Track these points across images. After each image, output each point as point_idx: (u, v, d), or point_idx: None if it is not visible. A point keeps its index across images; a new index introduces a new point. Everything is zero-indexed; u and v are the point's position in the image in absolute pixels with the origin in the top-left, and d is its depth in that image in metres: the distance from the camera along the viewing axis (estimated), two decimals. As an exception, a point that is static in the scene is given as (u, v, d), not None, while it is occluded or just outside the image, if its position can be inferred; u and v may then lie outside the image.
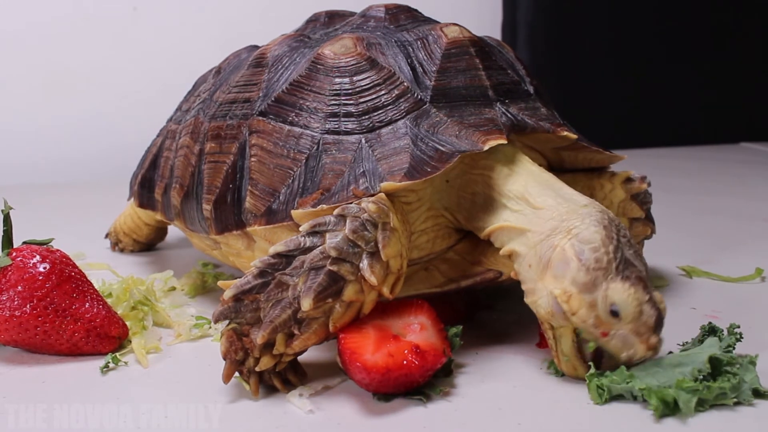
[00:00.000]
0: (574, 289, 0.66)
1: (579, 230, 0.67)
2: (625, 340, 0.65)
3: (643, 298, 0.65)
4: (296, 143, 0.78)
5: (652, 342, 0.65)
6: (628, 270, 0.66)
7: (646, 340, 0.65)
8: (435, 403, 0.66)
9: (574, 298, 0.66)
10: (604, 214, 0.69)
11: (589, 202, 0.71)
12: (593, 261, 0.65)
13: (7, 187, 1.66)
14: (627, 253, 0.67)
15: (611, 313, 0.65)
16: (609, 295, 0.65)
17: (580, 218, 0.68)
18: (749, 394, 0.64)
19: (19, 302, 0.74)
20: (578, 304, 0.66)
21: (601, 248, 0.66)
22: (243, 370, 0.67)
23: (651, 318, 0.65)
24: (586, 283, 0.65)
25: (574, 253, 0.66)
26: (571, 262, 0.66)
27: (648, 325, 0.65)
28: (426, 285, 0.78)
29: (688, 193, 1.63)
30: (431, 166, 0.73)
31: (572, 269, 0.66)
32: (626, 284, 0.65)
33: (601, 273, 0.65)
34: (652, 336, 0.65)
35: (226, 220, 0.82)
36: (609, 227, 0.67)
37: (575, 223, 0.68)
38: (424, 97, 0.79)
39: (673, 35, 2.36)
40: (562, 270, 0.66)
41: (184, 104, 1.03)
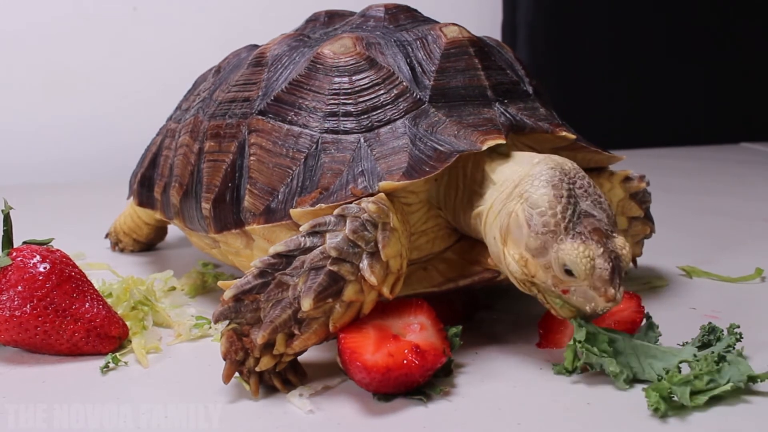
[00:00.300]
0: (528, 254, 0.67)
1: (529, 193, 0.68)
2: (585, 295, 0.67)
3: (595, 253, 0.65)
4: (295, 142, 0.78)
5: (609, 294, 0.66)
6: (580, 225, 0.67)
7: (604, 293, 0.66)
8: (435, 403, 0.66)
9: (530, 262, 0.68)
10: (554, 170, 0.69)
11: (541, 159, 0.71)
12: (541, 225, 0.67)
13: (7, 187, 1.66)
14: (583, 205, 0.68)
15: (566, 272, 0.66)
16: (560, 257, 0.66)
17: (530, 180, 0.69)
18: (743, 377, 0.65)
19: (19, 302, 0.74)
20: (534, 267, 0.68)
21: (548, 211, 0.67)
22: (243, 370, 0.67)
23: (605, 271, 0.65)
24: (538, 248, 0.67)
25: (524, 219, 0.68)
26: (523, 227, 0.68)
27: (603, 279, 0.66)
28: (424, 285, 0.78)
29: (688, 193, 1.63)
30: (430, 166, 0.73)
31: (524, 235, 0.68)
32: (576, 243, 0.66)
33: (550, 236, 0.66)
34: (609, 288, 0.66)
35: (225, 219, 0.82)
36: (559, 184, 0.68)
37: (526, 186, 0.69)
38: (422, 96, 0.79)
39: (673, 35, 2.36)
40: (517, 236, 0.68)
41: (183, 103, 1.03)
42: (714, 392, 0.64)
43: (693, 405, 0.63)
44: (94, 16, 1.96)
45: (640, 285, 0.96)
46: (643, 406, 0.64)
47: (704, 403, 0.64)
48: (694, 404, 0.63)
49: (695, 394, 0.64)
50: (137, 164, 1.09)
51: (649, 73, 2.36)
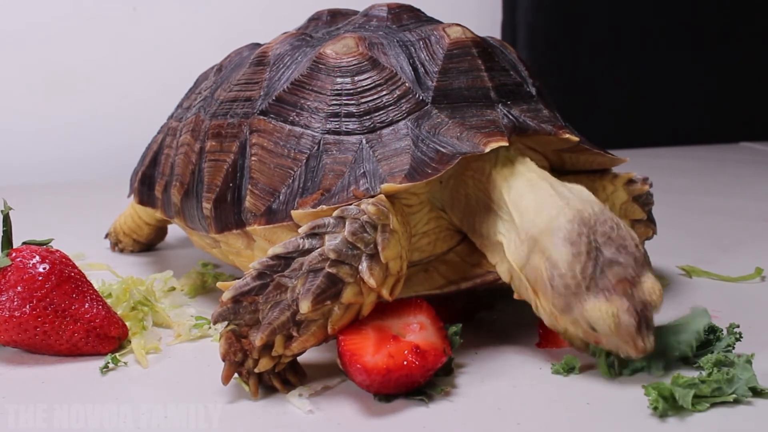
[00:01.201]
0: (557, 312, 0.68)
1: (549, 252, 0.68)
2: (616, 345, 0.67)
3: (620, 309, 0.65)
4: (297, 143, 0.78)
5: (639, 347, 0.66)
6: (604, 278, 0.66)
7: (634, 347, 0.66)
8: (435, 403, 0.66)
9: (559, 318, 0.69)
10: (573, 224, 0.68)
11: (558, 209, 0.69)
12: (562, 287, 0.67)
13: (7, 187, 1.66)
14: (607, 254, 0.66)
15: (593, 329, 0.67)
16: (585, 316, 0.66)
17: (550, 237, 0.68)
18: (746, 390, 0.65)
19: (19, 303, 0.74)
20: (563, 323, 0.69)
21: (568, 273, 0.66)
22: (242, 371, 0.67)
23: (631, 327, 0.65)
24: (564, 308, 0.67)
25: (547, 279, 0.68)
26: (547, 288, 0.68)
27: (630, 334, 0.65)
28: (425, 287, 0.78)
29: (688, 193, 1.63)
30: (432, 168, 0.72)
31: (549, 294, 0.68)
32: (598, 302, 0.65)
33: (573, 297, 0.66)
34: (638, 341, 0.66)
35: (225, 219, 0.82)
36: (577, 240, 0.67)
37: (546, 243, 0.68)
38: (425, 97, 0.78)
39: (673, 35, 2.35)
40: (543, 290, 0.69)
41: (185, 101, 1.03)
42: (717, 400, 0.64)
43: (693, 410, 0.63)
44: (94, 16, 1.96)
45: (641, 285, 0.95)
46: (643, 406, 0.64)
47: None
48: (695, 409, 0.63)
49: (698, 397, 0.63)
50: (138, 162, 1.09)
51: (649, 72, 2.36)
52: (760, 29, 2.41)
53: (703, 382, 0.64)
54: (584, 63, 2.31)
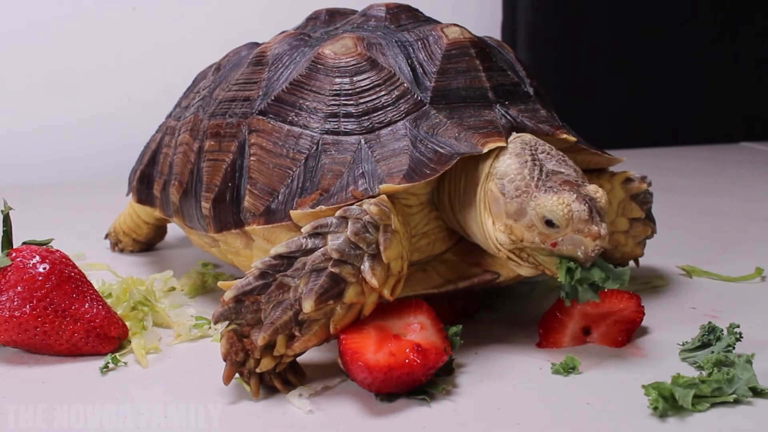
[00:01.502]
0: (511, 221, 0.70)
1: (497, 168, 0.72)
2: (573, 241, 0.69)
3: (570, 199, 0.68)
4: (296, 143, 0.78)
5: (594, 231, 0.68)
6: (550, 181, 0.70)
7: (589, 233, 0.68)
8: (435, 403, 0.66)
9: (514, 227, 0.70)
10: (515, 142, 0.74)
11: (509, 145, 0.74)
12: (513, 190, 0.70)
13: (7, 187, 1.66)
14: (549, 165, 0.72)
15: (547, 225, 0.69)
16: (538, 212, 0.69)
17: (497, 159, 0.73)
18: (746, 390, 0.65)
19: (19, 303, 0.74)
20: (519, 231, 0.70)
21: (517, 176, 0.71)
22: (243, 371, 0.67)
23: (583, 212, 0.68)
24: (516, 211, 0.70)
25: (498, 190, 0.71)
26: (499, 199, 0.71)
27: (583, 220, 0.68)
28: (423, 286, 0.78)
29: (688, 193, 1.63)
30: (430, 168, 0.73)
31: (501, 205, 0.71)
32: (549, 195, 0.69)
33: (524, 196, 0.70)
34: (592, 226, 0.68)
35: (224, 219, 0.82)
36: (521, 152, 0.72)
37: (494, 164, 0.73)
38: (423, 98, 0.78)
39: (673, 35, 2.35)
40: (496, 209, 0.72)
41: (183, 100, 1.03)
42: (717, 400, 0.64)
43: (693, 410, 0.63)
44: (94, 16, 1.96)
45: (641, 285, 0.96)
46: (643, 406, 0.64)
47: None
48: (695, 409, 0.63)
49: (698, 397, 0.63)
50: (136, 161, 1.09)
51: (649, 72, 2.36)
52: (761, 29, 2.41)
53: (704, 382, 0.64)
54: (584, 63, 2.31)
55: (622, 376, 0.71)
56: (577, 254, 0.69)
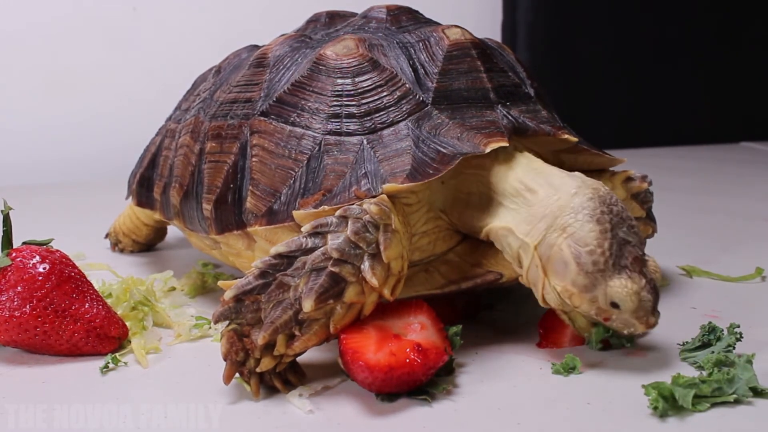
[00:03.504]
0: (575, 290, 0.68)
1: (574, 228, 0.69)
2: (626, 323, 0.69)
3: (640, 287, 0.67)
4: (298, 144, 0.78)
5: (650, 322, 0.69)
6: (624, 257, 0.68)
7: (645, 322, 0.68)
8: (435, 402, 0.66)
9: (576, 296, 0.69)
10: (594, 201, 0.69)
11: (577, 187, 0.71)
12: (591, 264, 0.67)
13: (7, 187, 1.66)
14: (621, 234, 0.69)
15: (612, 305, 0.68)
16: (608, 293, 0.67)
17: (573, 213, 0.69)
18: (746, 390, 0.65)
19: (19, 303, 0.74)
20: (580, 300, 0.69)
21: (597, 249, 0.68)
22: (243, 371, 0.67)
23: (648, 303, 0.68)
24: (586, 285, 0.68)
25: (571, 256, 0.68)
26: (570, 264, 0.68)
27: (646, 310, 0.68)
28: (426, 287, 0.78)
29: (688, 193, 1.63)
30: (433, 168, 0.73)
31: (571, 272, 0.68)
32: (623, 278, 0.67)
33: (599, 274, 0.67)
34: (651, 317, 0.68)
35: (226, 220, 0.82)
36: (602, 218, 0.69)
37: (568, 219, 0.69)
38: (425, 98, 0.79)
39: (673, 35, 2.36)
40: (562, 270, 0.69)
41: (183, 103, 1.03)
42: (717, 400, 0.64)
43: (693, 410, 0.63)
44: (94, 16, 1.96)
45: (641, 285, 0.95)
46: (643, 406, 0.64)
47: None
48: (695, 409, 0.63)
49: (698, 397, 0.64)
50: (136, 164, 1.09)
51: (649, 72, 2.36)
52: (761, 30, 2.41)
53: (704, 382, 0.64)
54: (584, 63, 2.31)
55: (622, 376, 0.70)
56: (623, 332, 0.70)
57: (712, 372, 0.66)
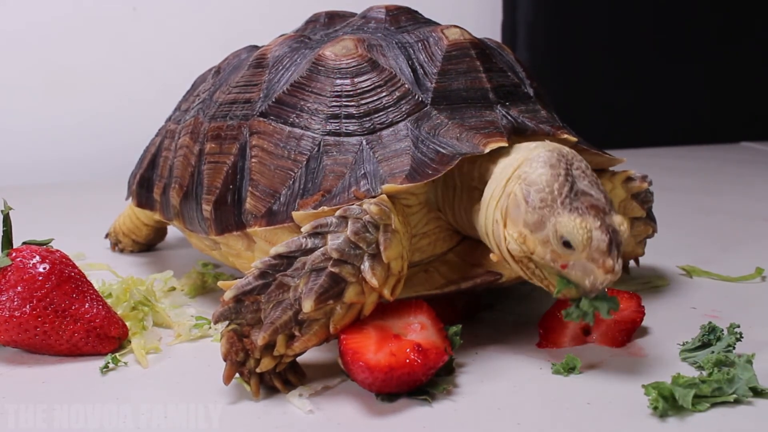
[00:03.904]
0: (527, 230, 0.68)
1: (527, 173, 0.69)
2: (584, 268, 0.67)
3: (593, 225, 0.66)
4: (297, 144, 0.78)
5: (608, 265, 0.66)
6: (577, 201, 0.68)
7: (602, 265, 0.66)
8: (435, 402, 0.66)
9: (528, 238, 0.68)
10: (552, 152, 0.70)
11: (539, 144, 0.72)
12: (538, 201, 0.68)
13: (7, 187, 1.66)
14: (580, 185, 0.69)
15: (564, 245, 0.67)
16: (558, 229, 0.67)
17: (529, 162, 0.70)
18: (746, 390, 0.65)
19: (19, 303, 0.74)
20: (533, 243, 0.68)
21: (546, 188, 0.68)
22: (243, 371, 0.67)
23: (603, 243, 0.66)
24: (535, 223, 0.68)
25: (522, 196, 0.69)
26: (521, 205, 0.69)
27: (600, 250, 0.66)
28: (426, 287, 0.78)
29: (688, 193, 1.63)
30: (432, 169, 0.73)
31: (522, 212, 0.68)
32: (573, 216, 0.67)
33: (548, 210, 0.67)
34: (607, 259, 0.66)
35: (226, 221, 0.82)
36: (556, 165, 0.69)
37: (525, 168, 0.70)
38: (425, 99, 0.79)
39: (673, 35, 2.36)
40: (515, 214, 0.69)
41: (183, 104, 1.03)
42: (717, 400, 0.64)
43: (693, 410, 0.63)
44: (94, 16, 1.96)
45: (641, 285, 0.96)
46: (643, 406, 0.64)
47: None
48: (695, 409, 0.63)
49: (698, 397, 0.64)
50: (136, 165, 1.09)
51: (649, 72, 2.36)
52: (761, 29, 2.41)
53: (704, 382, 0.64)
54: (584, 63, 2.31)
55: (622, 376, 0.71)
56: (584, 282, 0.67)
57: (712, 372, 0.66)
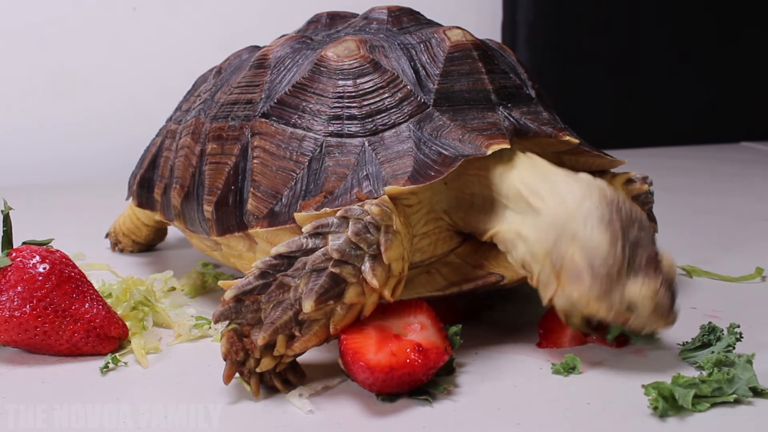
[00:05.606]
0: (592, 298, 0.68)
1: (585, 237, 0.68)
2: (646, 323, 0.69)
3: (656, 288, 0.67)
4: (299, 145, 0.78)
5: (669, 320, 0.69)
6: (637, 258, 0.67)
7: (664, 320, 0.68)
8: (435, 402, 0.66)
9: (593, 303, 0.68)
10: (602, 206, 0.69)
11: (584, 192, 0.70)
12: (605, 273, 0.67)
13: (7, 187, 1.66)
14: (632, 236, 0.68)
15: (629, 309, 0.68)
16: (625, 297, 0.67)
17: (582, 220, 0.68)
18: (747, 390, 0.65)
19: (19, 303, 0.74)
20: (597, 307, 0.69)
21: (610, 255, 0.67)
22: (243, 371, 0.67)
23: (664, 303, 0.68)
24: (603, 293, 0.67)
25: (585, 264, 0.67)
26: (583, 272, 0.68)
27: (663, 310, 0.68)
28: (428, 288, 0.78)
29: (688, 193, 1.63)
30: (435, 170, 0.72)
31: (586, 281, 0.68)
32: (638, 280, 0.67)
33: (614, 280, 0.67)
34: (669, 317, 0.68)
35: (227, 222, 0.82)
36: (612, 221, 0.68)
37: (578, 227, 0.68)
38: (427, 100, 0.78)
39: (673, 35, 2.36)
40: (576, 280, 0.68)
41: (184, 104, 1.03)
42: (717, 400, 0.64)
43: (693, 410, 0.63)
44: (94, 16, 1.96)
45: (641, 285, 0.95)
46: (643, 406, 0.64)
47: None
48: (695, 409, 0.63)
49: (698, 397, 0.64)
50: (136, 165, 1.09)
51: (649, 72, 2.36)
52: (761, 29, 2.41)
53: (704, 382, 0.64)
54: (584, 62, 2.31)
55: (622, 376, 0.71)
56: (643, 331, 0.70)
57: (712, 372, 0.66)
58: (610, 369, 0.72)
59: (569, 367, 0.71)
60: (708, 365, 0.69)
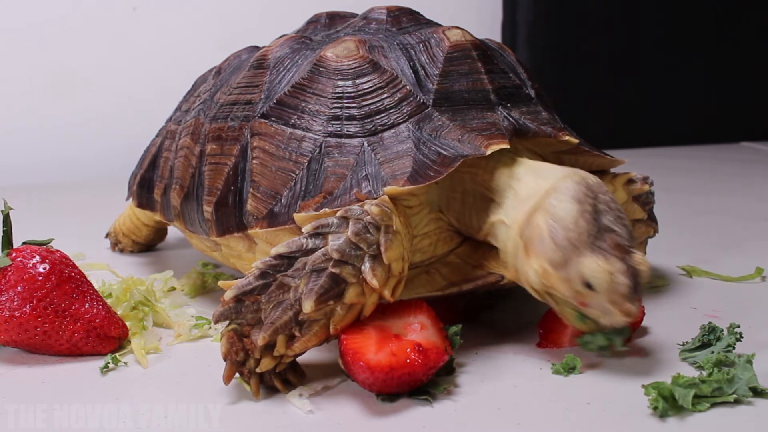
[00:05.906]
0: (550, 267, 0.68)
1: (554, 207, 0.69)
2: (603, 308, 0.67)
3: (615, 269, 0.66)
4: (298, 146, 0.78)
5: (625, 309, 0.67)
6: (602, 240, 0.67)
7: (621, 308, 0.67)
8: (435, 402, 0.66)
9: (551, 274, 0.68)
10: (580, 186, 0.70)
11: (566, 173, 0.72)
12: (564, 240, 0.68)
13: (7, 187, 1.66)
14: (605, 221, 0.68)
15: (585, 286, 0.67)
16: (581, 270, 0.67)
17: (556, 194, 0.70)
18: (747, 390, 0.65)
19: (19, 303, 0.74)
20: (554, 280, 0.68)
21: (572, 226, 0.68)
22: (243, 371, 0.67)
23: (624, 287, 0.66)
24: (559, 261, 0.68)
25: (548, 232, 0.68)
26: (545, 241, 0.68)
27: (621, 294, 0.66)
28: (427, 288, 0.78)
29: (688, 193, 1.63)
30: (434, 170, 0.72)
31: (546, 248, 0.68)
32: (597, 257, 0.67)
33: (572, 250, 0.67)
34: (626, 303, 0.67)
35: (227, 222, 0.82)
36: (583, 200, 0.69)
37: (551, 200, 0.70)
38: (426, 100, 0.78)
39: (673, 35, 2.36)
40: (539, 248, 0.69)
41: (183, 104, 1.03)
42: (717, 400, 0.64)
43: (693, 410, 0.63)
44: (94, 16, 1.96)
45: (641, 285, 0.96)
46: (643, 406, 0.64)
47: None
48: (695, 409, 0.63)
49: (698, 397, 0.64)
50: (136, 165, 1.09)
51: (649, 72, 2.36)
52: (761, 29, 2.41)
53: (704, 382, 0.64)
54: (584, 62, 2.31)
55: (622, 376, 0.71)
56: (600, 320, 0.68)
57: (712, 372, 0.66)
58: (610, 369, 0.72)
59: (569, 367, 0.71)
60: (708, 365, 0.69)
